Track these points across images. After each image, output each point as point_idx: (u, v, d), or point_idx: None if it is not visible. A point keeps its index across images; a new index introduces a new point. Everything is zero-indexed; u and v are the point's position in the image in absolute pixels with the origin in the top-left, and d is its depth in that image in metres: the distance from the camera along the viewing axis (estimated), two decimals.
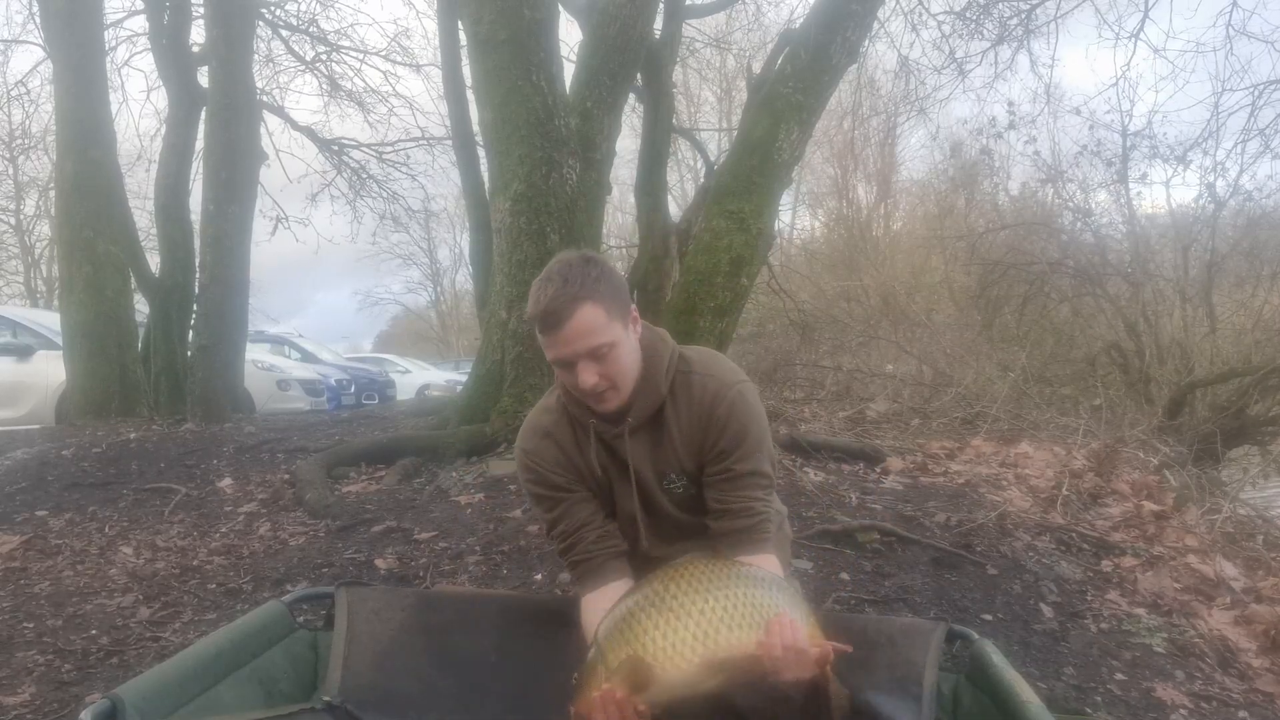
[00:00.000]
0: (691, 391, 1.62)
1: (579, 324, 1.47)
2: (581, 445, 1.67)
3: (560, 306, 1.47)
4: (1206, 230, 9.36)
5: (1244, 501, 5.32)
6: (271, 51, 12.63)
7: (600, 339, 1.49)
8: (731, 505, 1.61)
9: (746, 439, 1.60)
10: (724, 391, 1.60)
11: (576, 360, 1.50)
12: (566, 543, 1.67)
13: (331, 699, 1.71)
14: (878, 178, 23.83)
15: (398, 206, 14.89)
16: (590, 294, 1.48)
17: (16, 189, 23.46)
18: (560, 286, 1.48)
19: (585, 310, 1.47)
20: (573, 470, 1.68)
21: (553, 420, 1.70)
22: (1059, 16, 8.19)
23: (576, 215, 5.16)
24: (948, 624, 1.72)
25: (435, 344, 38.98)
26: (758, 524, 1.61)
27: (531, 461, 1.68)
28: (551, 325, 1.48)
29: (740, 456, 1.60)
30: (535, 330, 1.54)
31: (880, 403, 7.33)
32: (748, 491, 1.61)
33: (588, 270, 1.51)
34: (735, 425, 1.59)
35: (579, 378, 1.50)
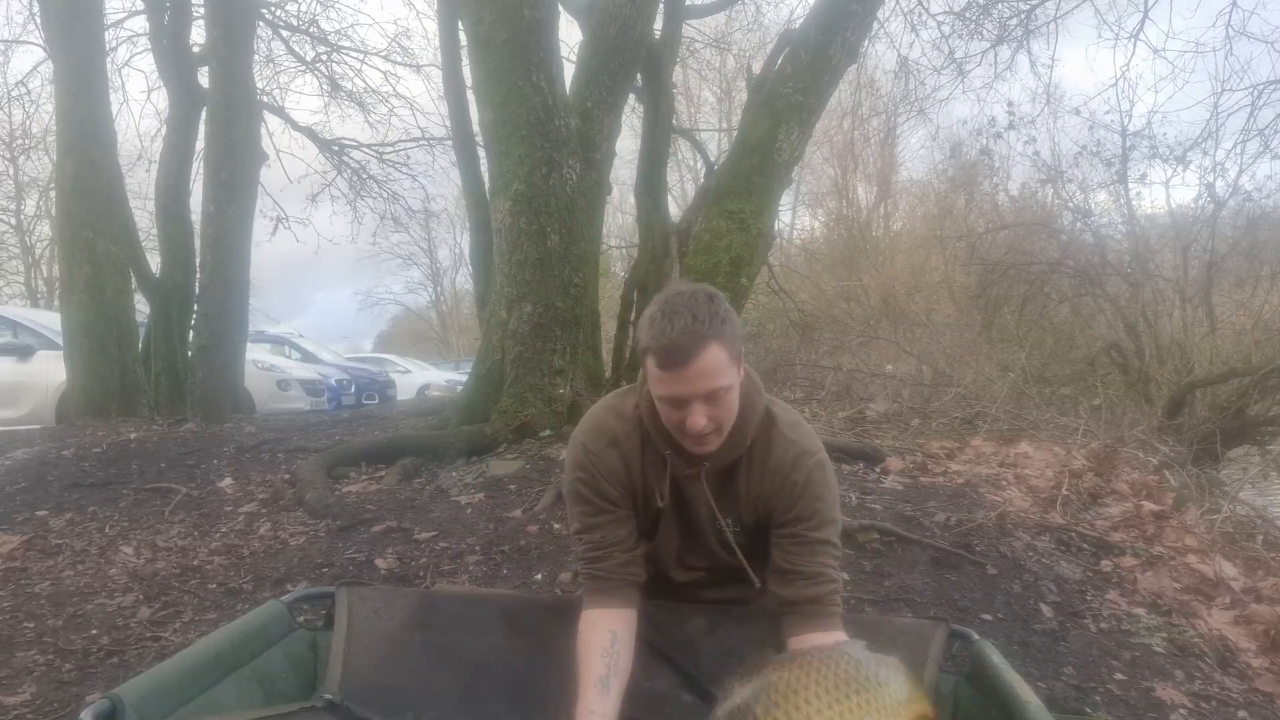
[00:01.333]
0: (771, 449, 1.59)
1: (704, 364, 1.41)
2: (646, 467, 1.63)
3: (688, 343, 1.40)
4: (1206, 230, 9.36)
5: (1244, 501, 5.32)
6: (272, 51, 12.65)
7: (720, 381, 1.44)
8: (803, 568, 1.56)
9: (821, 509, 1.57)
10: (804, 459, 1.58)
11: (692, 400, 1.44)
12: (594, 554, 1.64)
13: (332, 697, 1.71)
14: (878, 178, 23.86)
15: (398, 206, 14.91)
16: (717, 334, 1.42)
17: (17, 189, 23.47)
18: (689, 322, 1.41)
19: (712, 350, 1.41)
20: (628, 487, 1.64)
21: (624, 431, 1.64)
22: (1059, 17, 8.20)
23: (576, 215, 5.17)
24: (948, 624, 1.72)
25: (435, 344, 39.01)
26: (829, 594, 1.56)
27: (591, 462, 1.63)
28: (676, 362, 1.41)
29: (814, 525, 1.57)
30: (648, 361, 1.46)
31: (880, 403, 7.33)
32: (821, 558, 1.57)
33: (714, 308, 1.45)
34: (811, 494, 1.57)
35: (691, 418, 1.45)
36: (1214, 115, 8.04)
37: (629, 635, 1.60)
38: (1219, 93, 8.88)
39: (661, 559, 1.73)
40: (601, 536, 1.63)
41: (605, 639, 1.55)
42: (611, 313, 9.26)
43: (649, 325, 1.45)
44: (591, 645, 1.56)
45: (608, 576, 1.62)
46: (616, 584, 1.62)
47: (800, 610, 1.55)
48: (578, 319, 5.26)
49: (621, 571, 1.63)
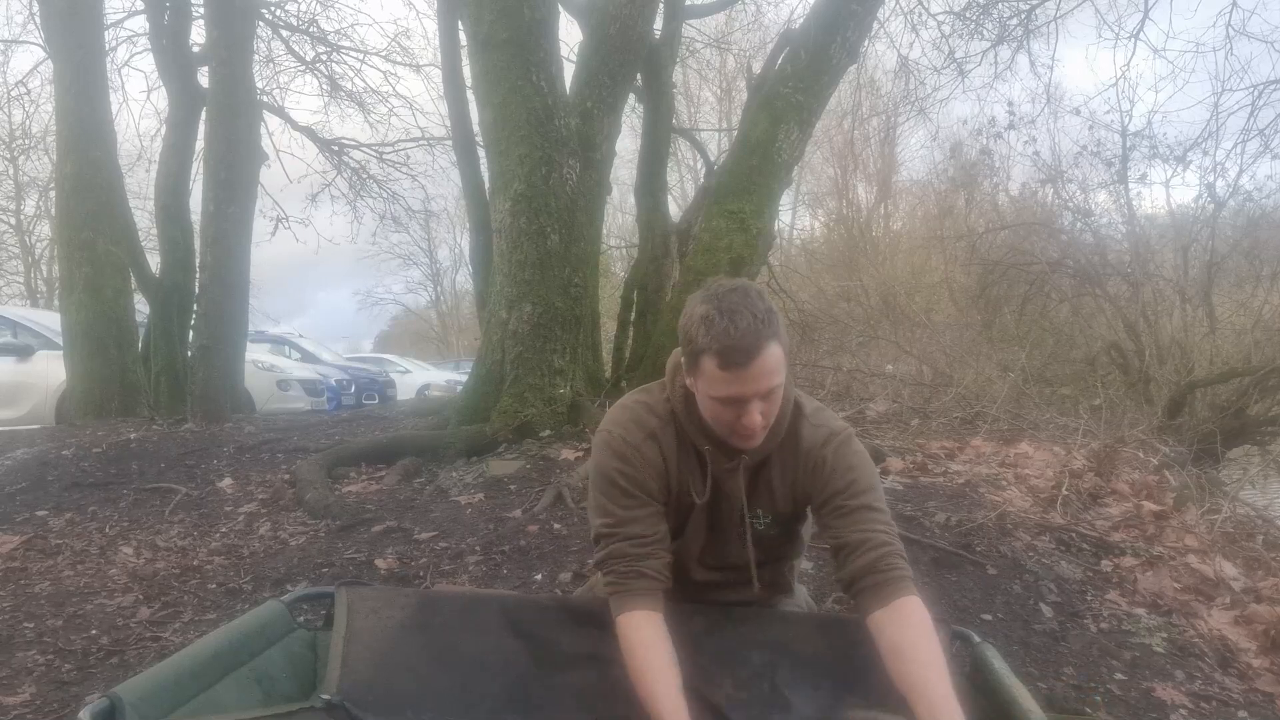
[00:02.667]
0: (801, 434, 1.60)
1: (766, 363, 1.41)
2: (682, 462, 1.62)
3: (752, 344, 1.39)
4: (1206, 230, 9.36)
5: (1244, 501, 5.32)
6: (271, 51, 12.64)
7: (778, 380, 1.45)
8: (849, 538, 1.53)
9: (855, 478, 1.56)
10: (832, 437, 1.60)
11: (752, 400, 1.44)
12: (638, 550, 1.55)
13: (331, 697, 1.71)
14: (878, 178, 23.86)
15: (398, 206, 14.90)
16: (775, 332, 1.43)
17: (16, 189, 23.47)
18: (751, 322, 1.40)
19: (772, 349, 1.42)
20: (665, 482, 1.61)
21: (659, 425, 1.62)
22: (1059, 17, 8.19)
23: (576, 215, 5.17)
24: (949, 626, 1.71)
25: (435, 344, 38.99)
26: (886, 555, 1.49)
27: (631, 454, 1.58)
28: (741, 361, 1.40)
29: (854, 493, 1.55)
30: (704, 361, 1.43)
31: (880, 403, 7.33)
32: (867, 524, 1.53)
33: (768, 305, 1.44)
34: (842, 465, 1.57)
35: (750, 417, 1.45)
36: (1214, 115, 8.04)
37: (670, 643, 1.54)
38: (1219, 93, 8.90)
39: (683, 558, 1.71)
40: (640, 531, 1.57)
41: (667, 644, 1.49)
42: (611, 313, 9.26)
43: (706, 325, 1.42)
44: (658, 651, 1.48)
45: (656, 575, 1.55)
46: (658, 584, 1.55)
47: (859, 586, 1.49)
48: (578, 319, 5.26)
49: (665, 573, 1.57)
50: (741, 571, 1.69)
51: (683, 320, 1.48)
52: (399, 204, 14.85)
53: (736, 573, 1.70)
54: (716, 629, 1.74)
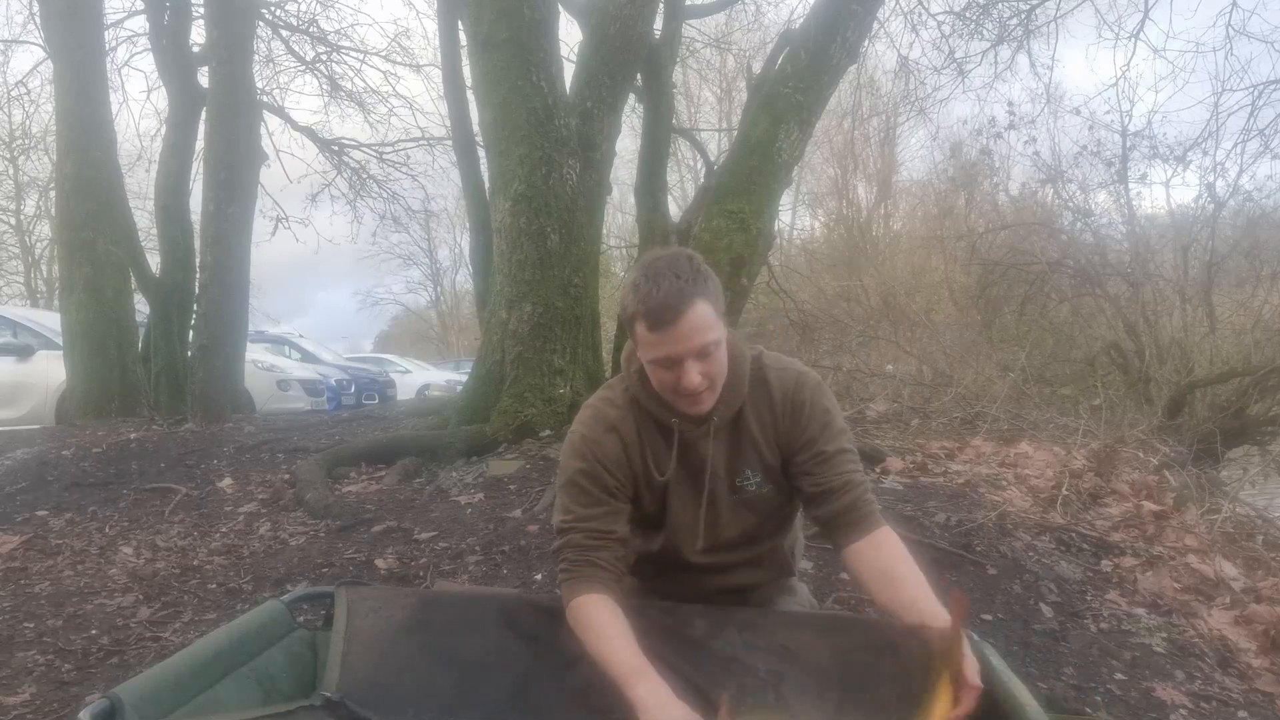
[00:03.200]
0: (769, 385, 1.63)
1: (693, 320, 1.44)
2: (645, 448, 1.63)
3: (676, 302, 1.43)
4: (1206, 230, 9.35)
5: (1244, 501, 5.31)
6: (271, 51, 12.64)
7: (710, 336, 1.47)
8: (831, 483, 1.59)
9: (831, 421, 1.62)
10: (804, 379, 1.64)
11: (685, 358, 1.46)
12: (589, 542, 1.59)
13: (331, 695, 1.71)
14: (878, 178, 23.86)
15: (398, 206, 14.90)
16: (702, 291, 1.46)
17: (16, 189, 23.47)
18: (674, 282, 1.44)
19: (699, 306, 1.45)
20: (628, 474, 1.63)
21: (619, 416, 1.64)
22: (1059, 17, 8.19)
23: (576, 215, 5.17)
24: None
25: (435, 344, 38.99)
26: (861, 496, 1.59)
27: (591, 451, 1.62)
28: (666, 321, 1.43)
29: (828, 438, 1.61)
30: (637, 326, 1.48)
31: (880, 403, 7.33)
32: (844, 468, 1.60)
33: (695, 266, 1.49)
34: (819, 409, 1.61)
35: (686, 377, 1.47)
36: (1214, 115, 8.04)
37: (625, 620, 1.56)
38: (1219, 93, 8.92)
39: (678, 542, 1.70)
40: (596, 526, 1.60)
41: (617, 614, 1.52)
42: (611, 313, 9.25)
43: (633, 291, 1.48)
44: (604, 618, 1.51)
45: (603, 565, 1.58)
46: (610, 576, 1.59)
47: (838, 522, 1.58)
48: (578, 319, 5.26)
49: (618, 566, 1.61)
50: (740, 549, 1.68)
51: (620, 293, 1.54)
52: (399, 204, 14.87)
53: (734, 552, 1.69)
54: (720, 634, 1.73)
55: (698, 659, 1.72)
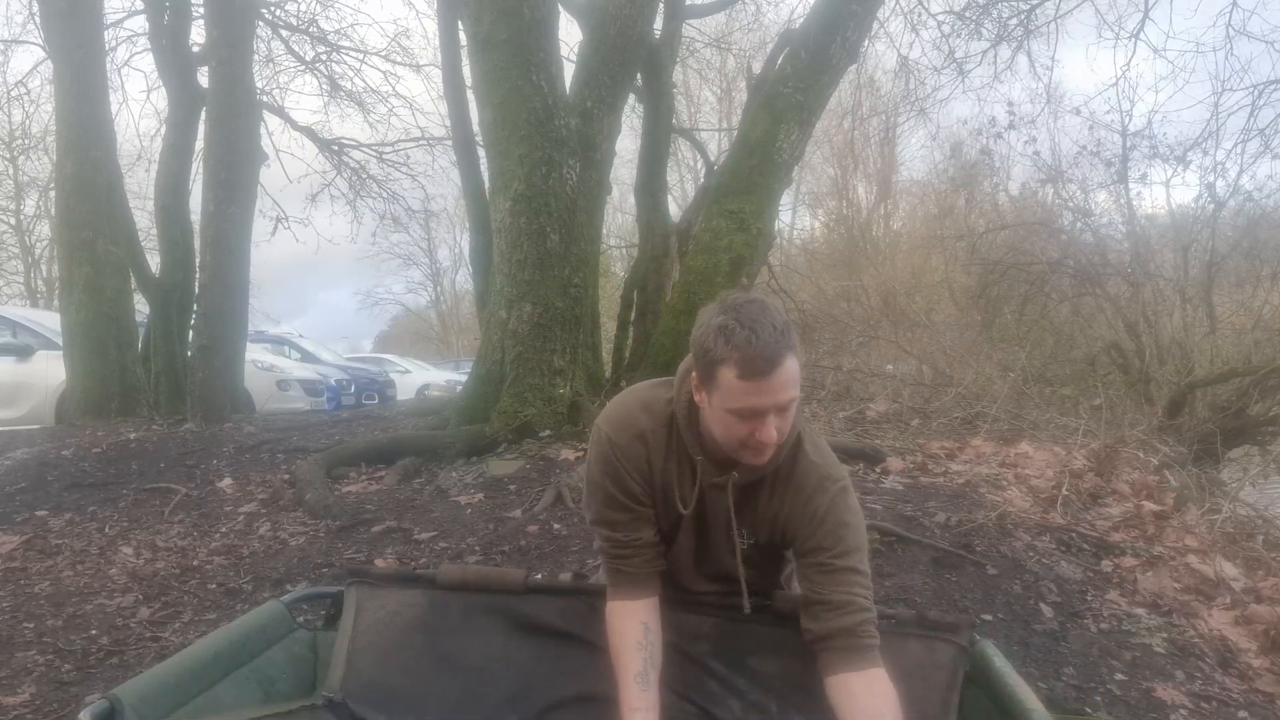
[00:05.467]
0: (795, 469, 1.57)
1: (787, 374, 1.40)
2: (669, 469, 1.61)
3: (774, 353, 1.38)
4: (1206, 230, 9.35)
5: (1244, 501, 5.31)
6: (271, 51, 12.63)
7: (796, 393, 1.44)
8: (830, 598, 1.51)
9: (846, 536, 1.53)
10: (827, 484, 1.55)
11: (769, 412, 1.41)
12: (622, 551, 1.61)
13: (333, 695, 1.71)
14: (878, 178, 23.86)
15: (398, 206, 14.89)
16: (793, 346, 1.42)
17: (16, 189, 23.47)
18: (772, 333, 1.39)
19: (791, 361, 1.40)
20: (652, 484, 1.61)
21: (652, 427, 1.60)
22: (1059, 17, 8.18)
23: (576, 215, 5.17)
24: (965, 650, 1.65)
25: (435, 344, 38.97)
26: (863, 623, 1.49)
27: (615, 454, 1.59)
28: (763, 372, 1.38)
29: (841, 552, 1.53)
30: (725, 372, 1.40)
31: (880, 403, 7.32)
32: (849, 587, 1.51)
33: (786, 320, 1.44)
34: (834, 519, 1.53)
35: (765, 430, 1.42)
36: (1214, 115, 8.03)
37: (659, 624, 1.60)
38: (1219, 92, 8.92)
39: (678, 566, 1.71)
40: (624, 536, 1.61)
41: (638, 631, 1.55)
42: (611, 313, 9.26)
43: (724, 336, 1.39)
44: (626, 639, 1.56)
45: (634, 571, 1.61)
46: (643, 577, 1.62)
47: (832, 645, 1.50)
48: (578, 319, 5.26)
49: (648, 567, 1.63)
50: (737, 584, 1.67)
51: (697, 333, 1.45)
52: (399, 204, 14.86)
53: (733, 584, 1.69)
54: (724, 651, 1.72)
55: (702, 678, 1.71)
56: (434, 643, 1.81)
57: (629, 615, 1.59)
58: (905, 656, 1.64)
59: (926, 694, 1.59)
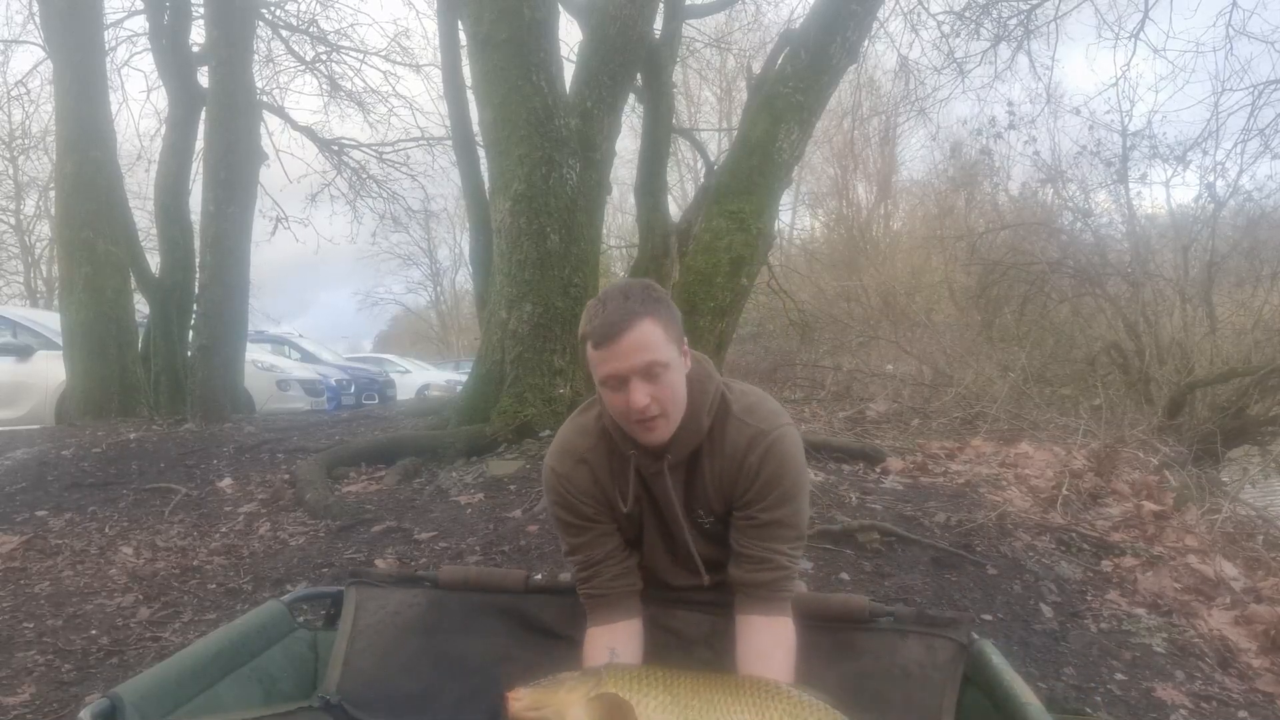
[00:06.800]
0: (727, 434, 1.58)
1: (637, 337, 1.43)
2: (616, 475, 1.63)
3: (619, 319, 1.43)
4: (1206, 230, 9.36)
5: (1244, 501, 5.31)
6: (271, 51, 12.65)
7: (657, 355, 1.44)
8: (751, 552, 1.56)
9: (778, 488, 1.55)
10: (759, 439, 1.55)
11: (630, 377, 1.44)
12: (585, 573, 1.65)
13: (329, 697, 1.71)
14: (878, 178, 23.87)
15: (398, 206, 14.92)
16: (650, 312, 1.45)
17: (16, 189, 23.48)
18: (620, 302, 1.45)
19: (644, 325, 1.44)
20: (603, 501, 1.63)
21: (589, 444, 1.64)
22: (1058, 17, 8.20)
23: (576, 215, 5.16)
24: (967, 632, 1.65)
25: (435, 344, 38.97)
26: (776, 580, 1.55)
27: (562, 486, 1.63)
28: (609, 337, 1.43)
29: (768, 505, 1.55)
30: (587, 346, 1.48)
31: (880, 403, 7.33)
32: (770, 542, 1.55)
33: (648, 293, 1.49)
34: (766, 474, 1.54)
35: (631, 396, 1.44)
36: (1214, 115, 8.04)
37: (633, 647, 1.61)
38: (1219, 92, 8.91)
39: (655, 565, 1.72)
40: (587, 556, 1.65)
41: (604, 656, 1.56)
42: None
43: (585, 316, 1.49)
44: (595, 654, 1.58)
45: (603, 592, 1.64)
46: (614, 598, 1.63)
47: (746, 593, 1.57)
48: (577, 319, 5.24)
49: (613, 585, 1.64)
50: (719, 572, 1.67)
51: None
52: (399, 204, 14.89)
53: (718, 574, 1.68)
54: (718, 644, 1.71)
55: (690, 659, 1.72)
56: (434, 643, 1.81)
57: (596, 640, 1.60)
58: (904, 654, 1.64)
59: (925, 692, 1.60)
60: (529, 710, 1.34)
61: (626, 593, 1.64)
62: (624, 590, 1.64)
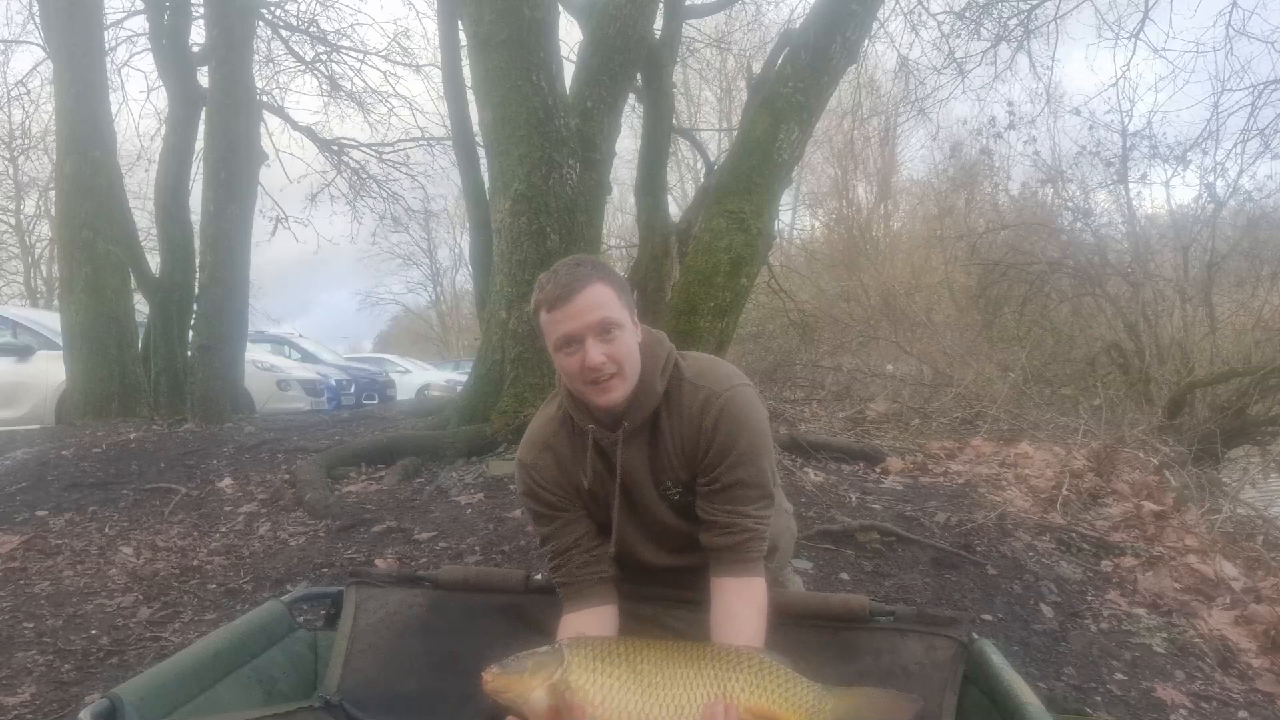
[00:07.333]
0: (683, 399, 1.59)
1: (590, 297, 1.48)
2: (578, 456, 1.65)
3: (571, 281, 1.49)
4: (1206, 230, 9.37)
5: (1244, 501, 5.32)
6: (271, 51, 12.64)
7: (610, 313, 1.49)
8: (718, 518, 1.57)
9: (735, 448, 1.55)
10: (712, 400, 1.56)
11: (585, 336, 1.48)
12: (555, 562, 1.68)
13: (330, 697, 1.71)
14: (878, 178, 23.85)
15: (398, 206, 14.91)
16: (602, 276, 1.52)
17: (16, 189, 23.49)
18: (572, 268, 1.52)
19: (596, 287, 1.49)
20: (569, 487, 1.66)
21: (553, 430, 1.67)
22: (1058, 17, 8.19)
23: (576, 215, 5.16)
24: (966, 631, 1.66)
25: (435, 344, 38.96)
26: (744, 541, 1.56)
27: (528, 475, 1.67)
28: (561, 298, 1.48)
29: (728, 466, 1.55)
30: (541, 314, 1.52)
31: (880, 403, 7.32)
32: (735, 505, 1.57)
33: (598, 261, 1.57)
34: (723, 434, 1.55)
35: (587, 354, 1.48)
36: (1214, 115, 8.05)
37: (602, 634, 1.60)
38: (1219, 93, 8.86)
39: (632, 549, 1.71)
40: (556, 544, 1.67)
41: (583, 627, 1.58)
42: None
43: (536, 288, 1.54)
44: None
45: (572, 580, 1.65)
46: (582, 585, 1.64)
47: (720, 558, 1.58)
48: None
49: (584, 571, 1.65)
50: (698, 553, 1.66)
51: None
52: (399, 204, 14.87)
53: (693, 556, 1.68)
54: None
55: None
56: (434, 643, 1.81)
57: (567, 629, 1.61)
58: (904, 653, 1.64)
59: (925, 690, 1.59)
60: (498, 694, 1.36)
61: (595, 580, 1.65)
62: (592, 577, 1.65)
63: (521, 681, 1.35)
